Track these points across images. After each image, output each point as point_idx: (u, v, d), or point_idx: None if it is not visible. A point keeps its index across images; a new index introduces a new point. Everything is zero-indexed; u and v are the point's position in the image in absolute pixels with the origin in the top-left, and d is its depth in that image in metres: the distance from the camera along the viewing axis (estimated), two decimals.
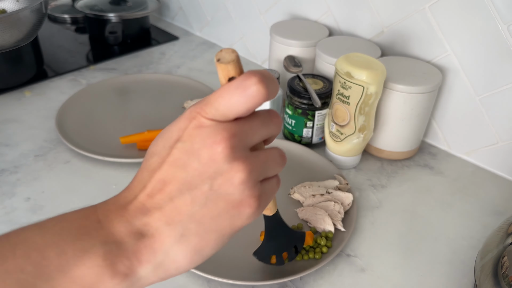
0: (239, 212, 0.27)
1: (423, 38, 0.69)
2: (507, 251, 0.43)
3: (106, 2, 1.09)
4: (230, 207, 0.26)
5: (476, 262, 0.47)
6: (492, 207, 0.63)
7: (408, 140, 0.68)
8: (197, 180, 0.26)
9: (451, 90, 0.69)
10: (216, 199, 0.26)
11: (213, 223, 0.26)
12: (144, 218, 0.26)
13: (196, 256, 0.27)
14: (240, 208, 0.26)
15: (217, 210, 0.26)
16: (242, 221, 0.27)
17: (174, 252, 0.26)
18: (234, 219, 0.27)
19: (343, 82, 0.61)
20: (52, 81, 0.90)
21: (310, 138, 0.71)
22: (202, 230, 0.26)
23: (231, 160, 0.25)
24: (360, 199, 0.63)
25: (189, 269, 0.27)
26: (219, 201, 0.26)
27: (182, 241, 0.26)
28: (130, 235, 0.26)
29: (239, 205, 0.26)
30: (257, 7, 0.92)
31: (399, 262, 0.54)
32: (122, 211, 0.27)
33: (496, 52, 0.62)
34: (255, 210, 0.27)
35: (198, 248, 0.26)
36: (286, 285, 0.51)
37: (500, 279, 0.42)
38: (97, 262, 0.25)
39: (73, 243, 0.25)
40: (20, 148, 0.71)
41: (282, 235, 0.47)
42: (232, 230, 0.27)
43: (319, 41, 0.75)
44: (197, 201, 0.26)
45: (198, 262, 0.27)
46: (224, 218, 0.26)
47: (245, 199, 0.26)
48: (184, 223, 0.26)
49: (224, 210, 0.26)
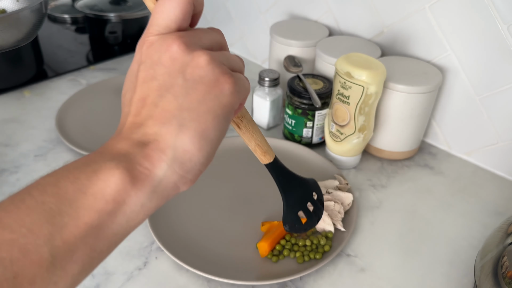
0: (220, 89, 0.28)
1: (423, 38, 0.69)
2: (507, 251, 0.43)
3: (106, 2, 1.09)
4: (210, 87, 0.28)
5: (476, 262, 0.47)
6: (492, 207, 0.63)
7: (408, 140, 0.68)
8: (170, 80, 0.27)
9: (451, 90, 0.69)
10: (194, 85, 0.28)
11: (203, 105, 0.28)
12: (140, 130, 0.27)
13: (203, 140, 0.27)
14: (219, 86, 0.28)
15: (200, 93, 0.28)
16: (227, 98, 0.28)
17: (180, 142, 0.27)
18: (220, 98, 0.28)
19: (343, 82, 0.61)
20: (52, 81, 0.90)
21: (310, 138, 0.71)
22: (196, 115, 0.27)
23: (190, 51, 0.28)
24: (360, 199, 0.63)
25: (203, 158, 0.28)
26: (198, 86, 0.28)
27: (183, 130, 0.27)
28: (133, 146, 0.27)
29: (217, 83, 0.28)
30: (257, 7, 0.92)
31: (399, 262, 0.54)
32: (118, 136, 0.28)
33: (496, 52, 0.62)
34: (233, 86, 0.29)
35: (200, 131, 0.27)
36: (286, 285, 0.51)
37: (500, 279, 0.42)
38: (112, 173, 0.25)
39: (83, 170, 0.25)
40: (20, 148, 0.71)
41: (295, 185, 0.45)
42: (223, 108, 0.28)
43: (319, 41, 0.75)
44: (178, 95, 0.27)
45: (208, 148, 0.28)
46: (210, 98, 0.28)
47: (219, 76, 0.28)
48: (177, 115, 0.27)
49: (206, 91, 0.28)
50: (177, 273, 0.52)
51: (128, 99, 0.29)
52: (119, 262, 0.53)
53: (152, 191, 0.26)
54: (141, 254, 0.54)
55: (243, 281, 0.49)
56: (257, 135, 0.38)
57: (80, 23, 1.16)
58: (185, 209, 0.59)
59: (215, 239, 0.55)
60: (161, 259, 0.53)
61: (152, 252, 0.54)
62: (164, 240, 0.53)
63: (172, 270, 0.52)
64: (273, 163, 0.42)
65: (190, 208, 0.60)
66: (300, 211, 0.46)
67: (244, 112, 0.36)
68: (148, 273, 0.52)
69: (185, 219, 0.58)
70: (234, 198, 0.61)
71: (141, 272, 0.52)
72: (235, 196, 0.62)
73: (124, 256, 0.54)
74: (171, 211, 0.58)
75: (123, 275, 0.51)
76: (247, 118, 0.37)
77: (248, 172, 0.66)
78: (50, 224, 0.23)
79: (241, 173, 0.66)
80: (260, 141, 0.39)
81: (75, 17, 1.16)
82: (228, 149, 0.69)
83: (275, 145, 0.71)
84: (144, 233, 0.56)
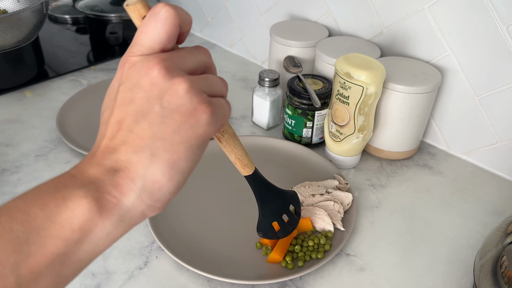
0: (196, 120, 0.28)
1: (422, 38, 0.69)
2: (506, 251, 0.43)
3: (106, 2, 1.09)
4: (186, 117, 0.27)
5: (476, 262, 0.47)
6: (491, 207, 0.63)
7: (407, 140, 0.69)
8: (147, 106, 0.27)
9: (450, 90, 0.69)
10: (170, 114, 0.27)
11: (176, 135, 0.27)
12: (113, 156, 0.27)
13: (173, 171, 0.27)
14: (196, 116, 0.28)
15: (175, 123, 0.27)
16: (203, 128, 0.28)
17: (151, 173, 0.27)
18: (195, 128, 0.28)
19: (343, 82, 0.61)
20: (52, 81, 0.90)
21: (310, 138, 0.72)
22: (168, 145, 0.27)
23: (170, 78, 0.27)
24: (360, 199, 0.64)
25: (173, 187, 0.28)
26: (174, 115, 0.27)
27: (154, 160, 0.27)
28: (104, 173, 0.27)
29: (194, 113, 0.28)
30: (257, 7, 0.93)
31: (398, 262, 0.54)
32: (91, 160, 0.28)
33: (495, 52, 0.62)
34: (211, 116, 0.28)
35: (172, 162, 0.27)
36: (286, 284, 0.51)
37: (499, 278, 0.42)
38: (79, 202, 0.25)
39: (53, 196, 0.26)
40: (21, 148, 0.71)
41: (272, 196, 0.48)
42: (198, 138, 0.28)
43: (319, 42, 0.75)
44: (154, 123, 0.27)
45: (179, 178, 0.28)
46: (184, 128, 0.27)
47: (197, 106, 0.28)
48: (150, 144, 0.27)
49: (181, 121, 0.27)
50: (177, 273, 0.52)
51: (105, 118, 0.29)
52: (119, 261, 0.53)
53: (119, 220, 0.27)
54: (141, 254, 0.54)
55: (243, 280, 0.50)
56: (238, 149, 0.40)
57: (81, 23, 1.17)
58: (185, 209, 0.59)
59: (215, 238, 0.56)
60: (161, 258, 0.54)
61: (153, 251, 0.55)
62: (165, 240, 0.54)
63: (172, 269, 0.53)
64: (252, 176, 0.44)
65: (191, 208, 0.60)
66: (274, 221, 0.49)
67: (226, 127, 0.37)
68: (148, 272, 0.52)
69: (185, 218, 0.58)
70: (234, 197, 0.62)
71: (142, 271, 0.52)
72: (235, 195, 0.62)
73: (125, 255, 0.54)
74: (171, 211, 0.59)
75: (124, 274, 0.52)
76: (229, 133, 0.38)
77: None
78: (16, 253, 0.24)
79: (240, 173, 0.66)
80: (241, 155, 0.41)
81: (76, 18, 1.17)
82: None
83: (275, 145, 0.71)
84: (144, 233, 0.57)
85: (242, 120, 0.80)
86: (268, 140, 0.72)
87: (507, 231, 0.45)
